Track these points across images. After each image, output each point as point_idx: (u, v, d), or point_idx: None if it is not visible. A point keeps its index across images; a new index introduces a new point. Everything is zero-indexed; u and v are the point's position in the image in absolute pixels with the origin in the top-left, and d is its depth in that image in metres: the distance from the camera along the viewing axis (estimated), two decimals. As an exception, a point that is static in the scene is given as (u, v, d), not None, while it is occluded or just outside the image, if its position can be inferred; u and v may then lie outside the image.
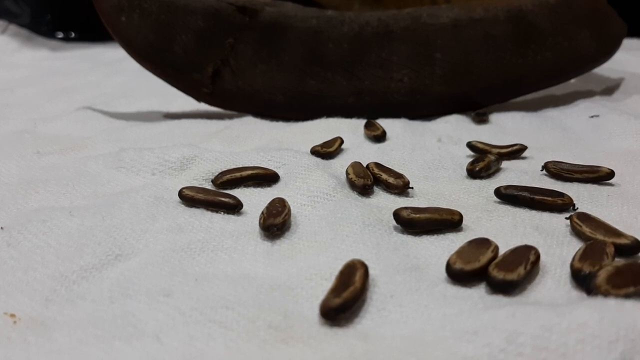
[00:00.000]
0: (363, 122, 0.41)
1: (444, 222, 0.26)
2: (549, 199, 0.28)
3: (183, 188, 0.29)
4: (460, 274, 0.22)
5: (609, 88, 0.50)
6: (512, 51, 0.43)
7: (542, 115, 0.44)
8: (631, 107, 0.43)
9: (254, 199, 0.29)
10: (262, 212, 0.26)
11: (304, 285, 0.22)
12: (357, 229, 0.25)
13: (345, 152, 0.37)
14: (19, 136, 0.40)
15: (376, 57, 0.44)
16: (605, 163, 0.32)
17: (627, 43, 0.48)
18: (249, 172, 0.31)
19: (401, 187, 0.30)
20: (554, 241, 0.25)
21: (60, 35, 0.88)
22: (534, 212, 0.28)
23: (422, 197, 0.30)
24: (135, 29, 0.43)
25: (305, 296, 0.21)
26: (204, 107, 0.47)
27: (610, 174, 0.30)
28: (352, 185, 0.31)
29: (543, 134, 0.40)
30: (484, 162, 0.32)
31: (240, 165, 0.33)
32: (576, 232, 0.25)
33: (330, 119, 0.42)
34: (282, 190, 0.30)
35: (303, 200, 0.29)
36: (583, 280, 0.21)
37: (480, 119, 0.42)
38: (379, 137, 0.39)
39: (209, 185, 0.31)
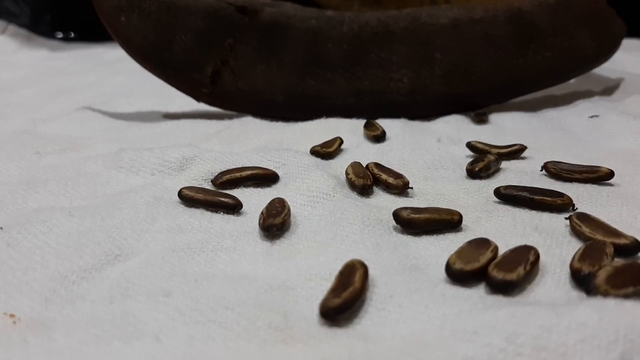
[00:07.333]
0: (363, 122, 0.41)
1: (443, 222, 0.26)
2: (549, 199, 0.28)
3: (183, 188, 0.29)
4: (459, 274, 0.22)
5: (609, 88, 0.50)
6: (511, 51, 0.43)
7: (541, 115, 0.44)
8: (631, 107, 0.43)
9: (254, 199, 0.29)
10: (262, 212, 0.26)
11: (303, 286, 0.22)
12: (357, 229, 0.25)
13: (345, 152, 0.37)
14: (19, 136, 0.40)
15: (376, 57, 0.44)
16: (605, 163, 0.32)
17: (627, 43, 0.48)
18: (249, 172, 0.31)
19: (401, 187, 0.30)
20: (553, 241, 0.25)
21: (60, 35, 0.88)
22: (533, 212, 0.28)
23: (421, 197, 0.30)
24: (135, 29, 0.43)
25: (305, 296, 0.21)
26: (203, 107, 0.47)
27: (610, 174, 0.30)
28: (352, 185, 0.31)
29: (542, 134, 0.40)
30: (483, 162, 0.32)
31: (240, 166, 0.33)
32: (576, 232, 0.25)
33: (329, 119, 0.42)
34: (282, 191, 0.30)
35: (303, 201, 0.29)
36: (582, 280, 0.21)
37: (480, 119, 0.42)
38: (379, 137, 0.39)
39: (208, 186, 0.31)
